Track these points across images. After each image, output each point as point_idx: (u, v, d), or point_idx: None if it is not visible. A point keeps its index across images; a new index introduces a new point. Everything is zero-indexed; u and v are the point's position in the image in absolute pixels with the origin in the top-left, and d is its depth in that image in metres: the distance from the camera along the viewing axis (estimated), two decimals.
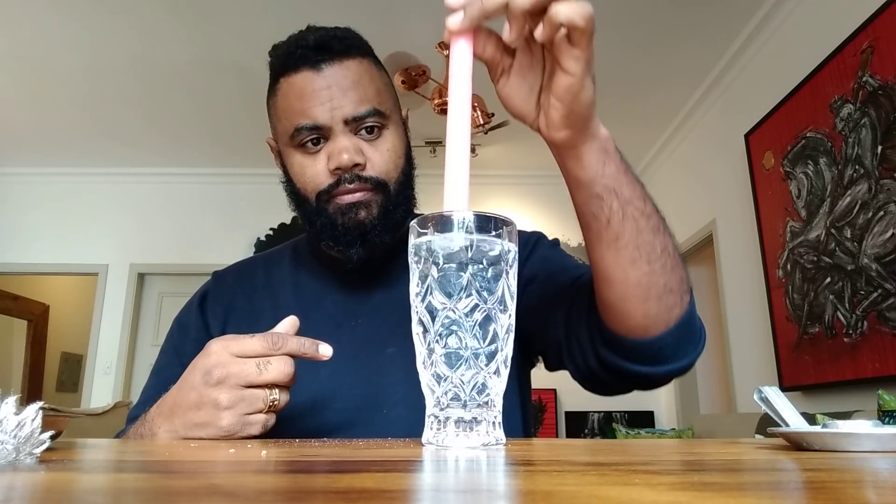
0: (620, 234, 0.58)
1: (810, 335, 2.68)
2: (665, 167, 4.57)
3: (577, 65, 0.48)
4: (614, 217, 0.57)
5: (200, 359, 0.59)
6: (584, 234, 0.61)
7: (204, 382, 0.57)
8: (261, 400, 0.56)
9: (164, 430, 0.60)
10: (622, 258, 0.59)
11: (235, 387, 0.56)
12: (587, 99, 0.51)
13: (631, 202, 0.57)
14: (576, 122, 0.52)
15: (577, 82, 0.49)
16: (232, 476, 0.28)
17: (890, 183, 2.20)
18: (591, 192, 0.57)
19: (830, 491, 0.24)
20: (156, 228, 4.91)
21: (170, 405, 0.60)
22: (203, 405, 0.57)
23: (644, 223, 0.58)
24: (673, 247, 0.61)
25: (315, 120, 0.73)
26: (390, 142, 0.77)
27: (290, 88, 0.75)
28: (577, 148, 0.54)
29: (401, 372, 0.71)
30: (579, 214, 0.60)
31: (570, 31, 0.46)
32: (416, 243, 0.45)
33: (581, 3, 0.45)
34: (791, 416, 0.53)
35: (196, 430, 0.58)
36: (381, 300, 0.80)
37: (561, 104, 0.50)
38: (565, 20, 0.45)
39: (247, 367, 0.56)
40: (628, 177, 0.58)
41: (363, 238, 0.75)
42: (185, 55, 3.43)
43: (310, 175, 0.75)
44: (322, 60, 0.74)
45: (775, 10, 2.96)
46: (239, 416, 0.56)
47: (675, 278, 0.61)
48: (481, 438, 0.43)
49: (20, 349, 5.69)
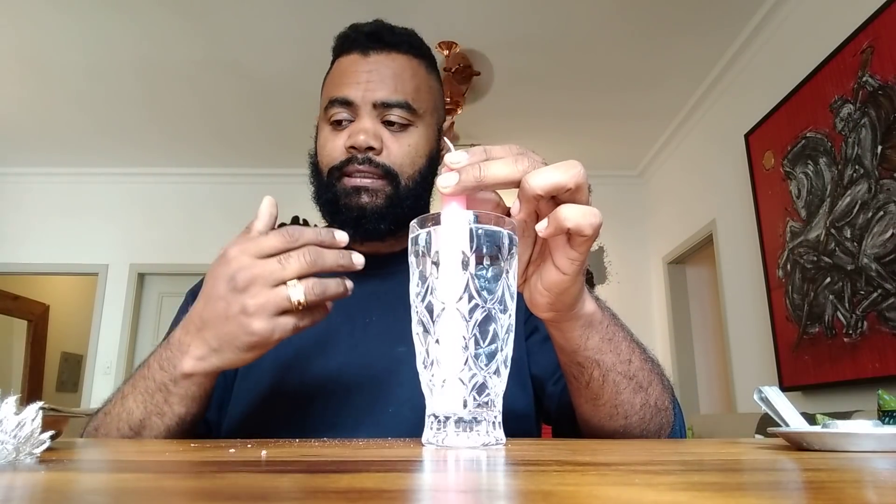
0: (599, 395, 0.60)
1: (810, 335, 2.68)
2: (665, 167, 4.57)
3: (572, 266, 0.47)
4: (594, 383, 0.59)
5: (220, 267, 0.56)
6: (566, 382, 0.63)
7: (230, 289, 0.54)
8: (286, 298, 0.54)
9: (195, 347, 0.57)
10: (600, 413, 0.61)
11: (262, 288, 0.54)
12: (575, 292, 0.50)
13: (613, 368, 0.58)
14: (561, 308, 0.52)
15: (569, 280, 0.48)
16: (232, 476, 0.28)
17: (890, 183, 2.20)
18: (571, 359, 0.58)
19: (830, 491, 0.24)
20: (156, 228, 4.91)
21: (198, 321, 0.57)
22: (231, 314, 0.54)
23: (625, 385, 0.59)
24: (658, 394, 0.63)
25: (346, 96, 0.76)
26: (414, 139, 0.78)
27: (338, 67, 0.81)
28: (560, 323, 0.54)
29: (410, 372, 0.71)
30: (561, 367, 0.62)
31: (574, 235, 0.45)
32: (416, 243, 0.45)
33: (591, 210, 0.44)
34: (791, 416, 0.53)
35: (228, 342, 0.55)
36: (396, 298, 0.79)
37: (548, 293, 0.50)
38: (573, 227, 0.44)
39: (269, 265, 0.54)
40: (612, 343, 0.58)
41: (358, 222, 0.76)
42: (186, 55, 3.43)
43: (328, 149, 0.78)
44: (371, 48, 0.79)
45: (775, 9, 2.96)
46: (268, 319, 0.54)
47: (654, 424, 0.64)
48: (481, 438, 0.43)
49: (20, 349, 5.69)
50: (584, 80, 3.66)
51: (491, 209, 0.47)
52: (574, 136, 4.37)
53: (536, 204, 0.46)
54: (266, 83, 3.70)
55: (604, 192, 4.71)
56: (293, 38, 3.20)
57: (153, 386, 0.60)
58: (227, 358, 0.56)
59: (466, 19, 3.13)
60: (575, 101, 3.91)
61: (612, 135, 4.37)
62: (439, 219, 0.44)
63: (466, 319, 0.42)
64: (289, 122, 4.11)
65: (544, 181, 0.43)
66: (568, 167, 0.44)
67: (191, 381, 0.58)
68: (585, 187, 0.45)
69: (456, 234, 0.43)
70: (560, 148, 4.44)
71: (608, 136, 4.38)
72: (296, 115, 3.97)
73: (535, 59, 3.45)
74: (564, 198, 0.45)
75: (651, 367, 0.63)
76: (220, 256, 0.57)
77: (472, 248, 0.43)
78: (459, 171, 0.44)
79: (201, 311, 0.57)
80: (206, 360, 0.57)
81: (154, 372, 0.60)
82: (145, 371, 0.61)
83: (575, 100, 3.89)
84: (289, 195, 5.66)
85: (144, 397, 0.60)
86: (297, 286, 0.54)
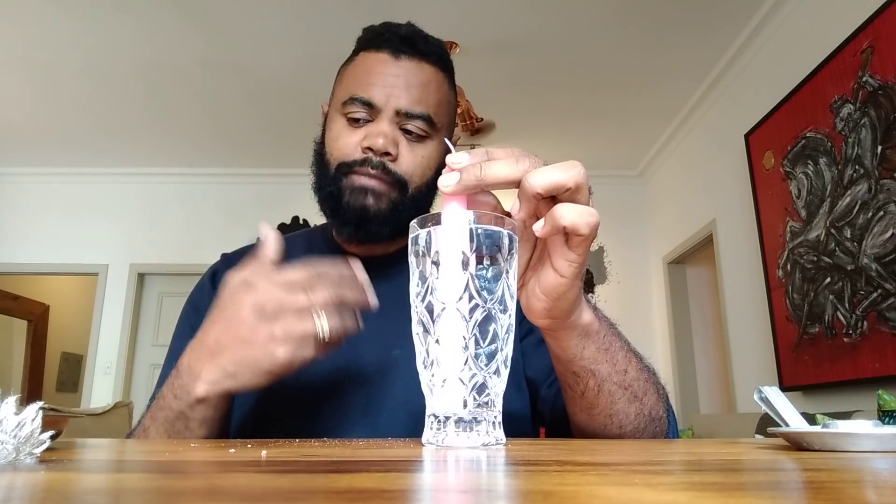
0: (594, 405, 0.60)
1: (810, 335, 2.68)
2: (665, 167, 4.57)
3: (570, 268, 0.47)
4: (589, 392, 0.59)
5: (245, 294, 0.57)
6: (562, 391, 0.63)
7: (259, 317, 0.55)
8: (314, 328, 0.55)
9: (208, 372, 0.57)
10: (594, 422, 0.62)
11: (291, 317, 0.55)
12: (573, 297, 0.50)
13: (609, 378, 0.58)
14: (557, 315, 0.51)
15: (566, 283, 0.48)
16: (232, 476, 0.28)
17: (890, 183, 2.20)
18: (567, 368, 0.58)
19: (830, 491, 0.24)
20: (156, 228, 4.91)
21: (212, 345, 0.57)
22: (256, 339, 0.55)
23: (620, 395, 0.59)
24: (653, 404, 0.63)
25: (371, 97, 0.75)
26: (428, 151, 0.78)
27: (365, 61, 0.78)
28: (556, 332, 0.54)
29: (405, 375, 0.71)
30: (557, 376, 0.62)
31: (571, 235, 0.45)
32: (416, 243, 0.45)
33: (588, 209, 0.44)
34: (791, 416, 0.53)
35: (247, 366, 0.56)
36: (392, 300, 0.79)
37: (546, 298, 0.49)
38: (569, 225, 0.43)
39: (298, 296, 0.55)
40: (609, 353, 0.57)
41: (360, 223, 0.76)
42: (188, 56, 3.43)
43: (342, 143, 0.77)
44: (403, 52, 0.77)
45: (775, 9, 2.96)
46: (292, 346, 0.55)
47: (648, 433, 0.64)
48: (481, 438, 0.43)
49: (20, 349, 5.69)
50: (584, 79, 3.66)
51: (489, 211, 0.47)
52: (574, 136, 4.37)
53: (536, 204, 0.46)
54: (267, 83, 3.70)
55: (604, 192, 4.71)
56: (294, 38, 3.19)
57: (171, 415, 0.60)
58: (243, 382, 0.57)
59: (466, 19, 3.13)
60: (575, 101, 3.91)
61: (612, 135, 4.37)
62: (439, 219, 0.44)
63: (466, 319, 0.42)
64: (290, 122, 4.11)
65: (544, 180, 0.43)
66: (568, 167, 0.44)
67: (206, 405, 0.59)
68: (585, 188, 0.45)
69: (456, 233, 0.43)
70: (560, 148, 4.44)
71: (608, 135, 4.38)
72: (297, 115, 3.97)
73: (536, 59, 3.45)
74: (564, 198, 0.44)
75: (647, 376, 0.63)
76: (242, 283, 0.58)
77: (473, 248, 0.43)
78: (461, 171, 0.44)
79: (218, 334, 0.57)
80: (219, 384, 0.57)
81: (169, 402, 0.60)
82: (161, 402, 0.62)
83: (575, 99, 3.89)
84: (289, 195, 5.62)
85: (166, 426, 0.61)
86: (325, 319, 0.55)
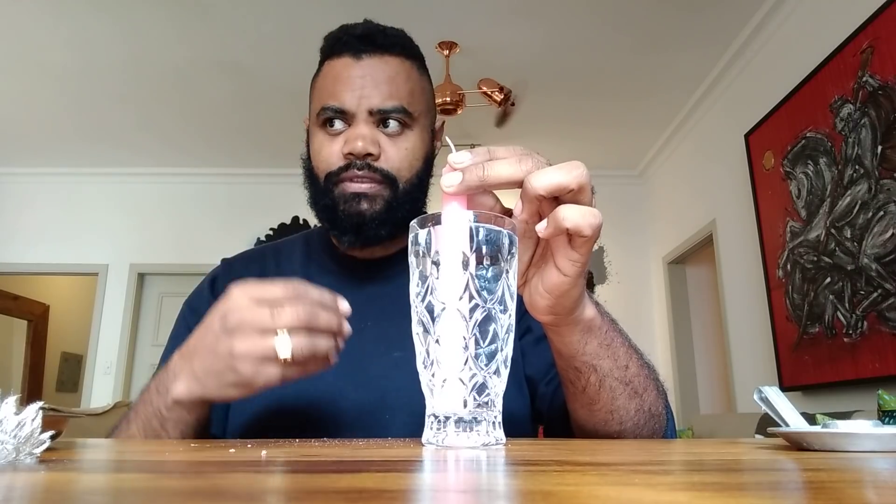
0: (595, 400, 0.60)
1: (810, 335, 2.68)
2: (665, 167, 4.57)
3: (573, 268, 0.47)
4: (590, 388, 0.59)
5: (221, 302, 0.57)
6: (563, 386, 0.64)
7: (221, 327, 0.55)
8: (271, 349, 0.53)
9: (184, 374, 0.57)
10: (595, 418, 0.62)
11: (250, 333, 0.54)
12: (576, 294, 0.50)
13: (610, 373, 0.58)
14: (560, 312, 0.51)
15: (569, 282, 0.48)
16: (232, 476, 0.28)
17: (890, 183, 2.20)
18: (569, 364, 0.58)
19: (830, 491, 0.24)
20: (156, 228, 4.91)
21: (191, 347, 0.58)
22: (219, 352, 0.55)
23: (621, 391, 0.60)
24: (652, 400, 0.63)
25: (342, 104, 0.75)
26: (411, 142, 0.78)
27: (331, 69, 0.78)
28: (559, 327, 0.54)
29: (406, 378, 0.71)
30: (558, 371, 0.62)
31: (574, 235, 0.45)
32: (416, 243, 0.45)
33: (591, 210, 0.44)
34: (791, 416, 0.53)
35: (214, 377, 0.55)
36: (392, 302, 0.78)
37: (549, 296, 0.49)
38: (572, 227, 0.43)
39: (261, 313, 0.54)
40: (610, 349, 0.57)
41: (359, 228, 0.75)
42: (179, 56, 3.43)
43: (324, 155, 0.77)
44: (364, 51, 0.77)
45: (775, 10, 2.96)
46: (253, 364, 0.54)
47: (647, 429, 0.64)
48: (481, 438, 0.43)
49: (20, 349, 5.69)
50: (585, 80, 3.66)
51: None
52: (574, 136, 4.37)
53: (539, 204, 0.45)
54: (265, 84, 3.70)
55: (604, 192, 4.71)
56: (289, 38, 3.19)
57: (150, 411, 0.60)
58: (211, 390, 0.56)
59: (467, 23, 3.13)
60: (575, 101, 3.91)
61: (612, 135, 4.37)
62: (440, 219, 0.44)
63: (466, 319, 0.42)
64: (289, 122, 4.11)
65: (546, 181, 0.43)
66: (571, 168, 0.44)
67: (182, 408, 0.59)
68: (588, 188, 0.45)
69: (456, 233, 0.43)
70: (560, 147, 4.44)
71: (608, 136, 4.38)
72: (295, 116, 3.97)
73: (536, 59, 3.45)
74: (567, 198, 0.44)
75: (647, 372, 0.63)
76: (226, 292, 0.58)
77: (473, 248, 0.43)
78: (463, 171, 0.44)
79: (196, 339, 0.58)
80: (191, 390, 0.57)
81: (152, 395, 0.61)
82: (146, 395, 0.62)
83: (575, 100, 3.89)
84: (289, 195, 5.65)
85: (143, 422, 0.61)
86: (286, 340, 0.53)
